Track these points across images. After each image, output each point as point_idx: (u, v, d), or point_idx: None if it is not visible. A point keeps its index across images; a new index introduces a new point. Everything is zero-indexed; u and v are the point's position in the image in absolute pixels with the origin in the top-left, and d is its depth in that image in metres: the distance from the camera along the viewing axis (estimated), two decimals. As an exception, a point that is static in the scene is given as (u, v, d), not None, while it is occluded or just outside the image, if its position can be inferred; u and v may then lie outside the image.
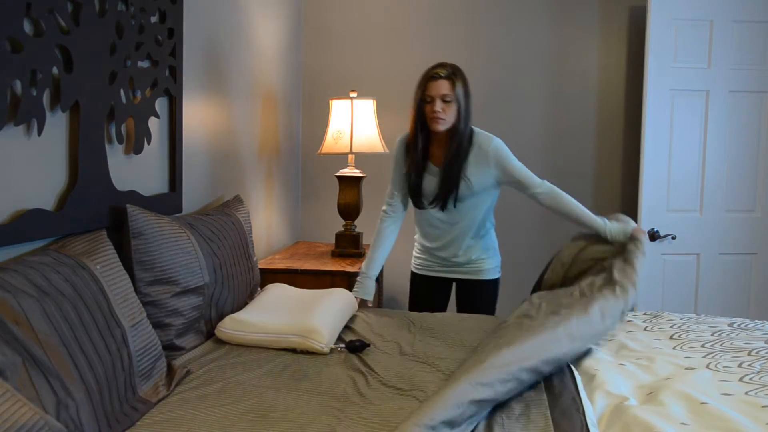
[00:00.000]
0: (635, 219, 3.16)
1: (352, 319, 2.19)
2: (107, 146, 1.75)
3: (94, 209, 1.67)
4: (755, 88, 3.06)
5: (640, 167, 3.06)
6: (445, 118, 2.19)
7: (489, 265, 2.43)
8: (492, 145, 2.26)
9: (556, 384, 1.49)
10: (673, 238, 3.08)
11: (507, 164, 2.27)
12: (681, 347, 1.84)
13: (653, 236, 3.06)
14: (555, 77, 3.43)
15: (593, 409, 1.43)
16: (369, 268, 2.40)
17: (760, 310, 3.12)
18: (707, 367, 1.66)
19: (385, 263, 3.33)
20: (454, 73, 2.21)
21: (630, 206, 3.39)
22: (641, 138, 3.05)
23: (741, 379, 1.57)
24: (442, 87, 2.19)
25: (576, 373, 1.62)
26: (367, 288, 2.38)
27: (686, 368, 1.66)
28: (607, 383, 1.55)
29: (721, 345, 1.84)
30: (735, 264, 3.14)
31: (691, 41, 3.03)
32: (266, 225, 3.08)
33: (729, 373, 1.62)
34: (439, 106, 2.18)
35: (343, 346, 1.89)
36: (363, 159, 3.39)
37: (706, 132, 3.08)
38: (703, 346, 1.85)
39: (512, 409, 1.39)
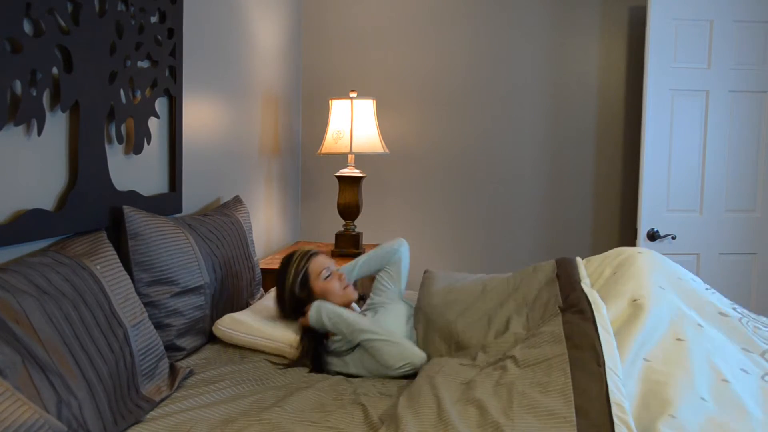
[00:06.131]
0: (635, 219, 3.17)
1: None
2: (107, 146, 1.75)
3: (93, 209, 1.67)
4: (755, 88, 3.06)
5: (640, 167, 3.05)
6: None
7: None
8: None
9: (575, 333, 1.42)
10: (673, 238, 3.07)
11: None
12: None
13: (653, 236, 3.06)
14: (555, 77, 3.43)
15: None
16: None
17: (761, 310, 3.12)
18: (740, 321, 1.63)
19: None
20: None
21: (630, 206, 3.39)
22: (641, 138, 3.05)
23: (763, 355, 1.52)
24: (324, 258, 1.97)
25: (598, 308, 1.54)
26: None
27: (720, 313, 1.64)
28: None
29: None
30: (735, 264, 3.14)
31: (691, 41, 3.03)
32: (266, 225, 3.08)
33: (757, 336, 1.58)
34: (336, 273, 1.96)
35: None
36: (363, 159, 3.39)
37: (706, 132, 3.08)
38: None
39: (534, 371, 1.34)
